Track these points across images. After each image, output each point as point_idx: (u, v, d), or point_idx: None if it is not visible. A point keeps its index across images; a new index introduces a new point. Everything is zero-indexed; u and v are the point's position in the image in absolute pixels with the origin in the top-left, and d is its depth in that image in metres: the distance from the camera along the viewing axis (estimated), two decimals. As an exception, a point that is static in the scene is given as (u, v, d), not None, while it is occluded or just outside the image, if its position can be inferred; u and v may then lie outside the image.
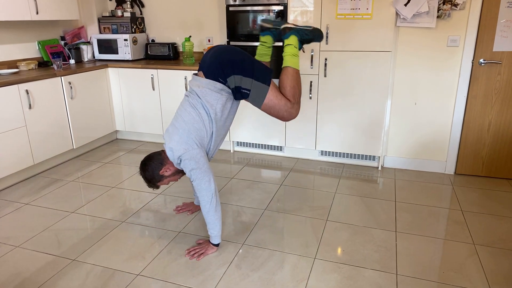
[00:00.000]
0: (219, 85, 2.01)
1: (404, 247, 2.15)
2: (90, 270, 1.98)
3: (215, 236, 2.10)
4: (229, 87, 2.02)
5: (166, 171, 2.10)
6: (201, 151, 2.01)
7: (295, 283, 1.86)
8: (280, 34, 2.21)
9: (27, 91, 3.01)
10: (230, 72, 1.98)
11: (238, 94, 2.03)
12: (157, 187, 2.16)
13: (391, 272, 1.94)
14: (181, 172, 2.16)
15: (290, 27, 2.17)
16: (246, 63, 2.01)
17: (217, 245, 2.13)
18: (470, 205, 2.63)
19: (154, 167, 2.08)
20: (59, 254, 2.12)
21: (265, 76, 2.03)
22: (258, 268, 1.98)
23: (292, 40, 2.14)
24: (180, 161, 2.02)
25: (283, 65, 2.13)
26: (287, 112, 2.08)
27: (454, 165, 3.15)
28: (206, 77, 2.03)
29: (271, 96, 2.03)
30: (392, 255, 2.08)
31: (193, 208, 2.56)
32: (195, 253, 2.09)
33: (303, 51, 2.40)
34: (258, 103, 2.06)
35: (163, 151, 2.14)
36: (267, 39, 2.26)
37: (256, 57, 2.31)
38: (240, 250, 2.13)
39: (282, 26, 2.20)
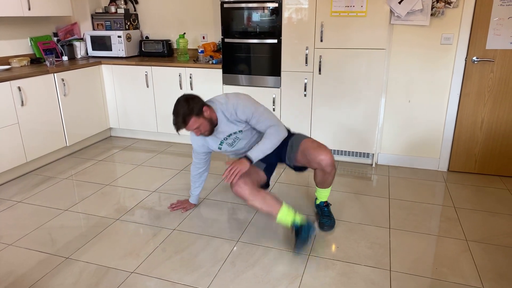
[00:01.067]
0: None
1: (397, 243, 2.17)
2: (84, 268, 1.97)
3: (258, 150, 2.06)
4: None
5: (206, 111, 2.06)
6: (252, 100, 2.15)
7: (290, 280, 1.87)
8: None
9: (19, 88, 2.98)
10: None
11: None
12: (184, 125, 2.01)
13: (384, 268, 1.96)
14: (212, 124, 2.10)
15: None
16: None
17: (251, 162, 2.05)
18: (463, 201, 2.66)
19: (199, 102, 2.04)
20: (53, 252, 2.10)
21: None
22: (252, 265, 1.98)
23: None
24: (236, 107, 2.08)
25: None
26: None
27: (447, 162, 3.18)
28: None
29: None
30: (386, 251, 2.10)
31: (187, 205, 2.56)
32: (231, 173, 1.99)
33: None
34: (299, 139, 2.27)
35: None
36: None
37: None
38: (235, 247, 2.14)
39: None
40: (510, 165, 3.03)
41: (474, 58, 2.88)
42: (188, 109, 1.99)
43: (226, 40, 3.34)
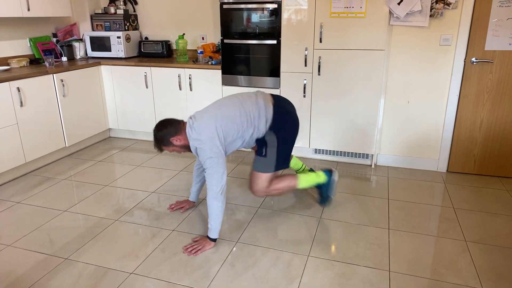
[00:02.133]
0: (268, 125, 2.20)
1: (396, 244, 2.17)
2: (82, 269, 1.97)
3: (214, 229, 2.11)
4: (263, 133, 2.21)
5: (176, 140, 2.15)
6: (220, 143, 2.08)
7: (289, 281, 1.87)
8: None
9: (18, 89, 2.98)
10: (278, 136, 2.23)
11: (258, 142, 2.24)
12: (161, 150, 2.23)
13: (383, 269, 1.96)
14: (187, 149, 2.20)
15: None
16: (286, 150, 2.31)
17: (214, 240, 2.13)
18: (462, 202, 2.66)
19: (168, 132, 2.15)
20: (51, 253, 2.10)
21: (279, 165, 2.29)
22: (252, 266, 1.98)
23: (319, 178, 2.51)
24: (199, 147, 2.07)
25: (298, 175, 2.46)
26: (258, 189, 2.31)
27: (447, 163, 3.18)
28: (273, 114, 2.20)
29: (266, 176, 2.27)
30: (385, 252, 2.10)
31: (186, 205, 2.56)
32: (192, 249, 2.09)
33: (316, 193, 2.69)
34: (257, 167, 2.28)
35: (184, 123, 2.19)
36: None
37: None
38: (234, 248, 2.14)
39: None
40: (509, 166, 3.03)
41: (473, 59, 2.89)
42: (159, 140, 2.18)
43: (226, 41, 3.34)
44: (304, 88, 3.22)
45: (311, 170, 2.77)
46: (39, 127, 3.20)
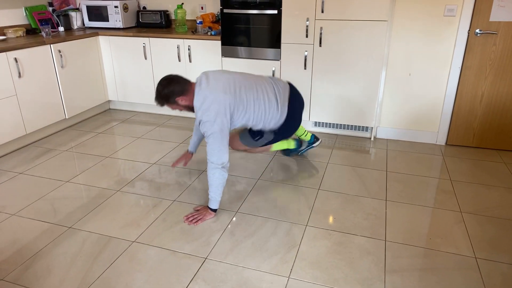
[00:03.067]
0: (274, 127, 2.33)
1: (393, 215, 2.21)
2: (86, 237, 2.02)
3: (214, 200, 2.14)
4: (265, 131, 2.37)
5: (182, 100, 2.09)
6: (226, 120, 2.05)
7: (287, 249, 1.92)
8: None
9: (16, 59, 2.95)
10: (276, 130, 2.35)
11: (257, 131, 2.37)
12: (162, 105, 2.14)
13: (380, 238, 2.01)
14: (191, 110, 2.15)
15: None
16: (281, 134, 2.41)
17: (214, 210, 2.17)
18: (459, 174, 2.69)
19: (174, 91, 2.06)
20: (56, 222, 2.15)
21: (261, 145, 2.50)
22: (251, 235, 2.03)
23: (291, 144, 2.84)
24: (204, 118, 2.03)
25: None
26: (234, 147, 2.54)
27: (446, 136, 3.19)
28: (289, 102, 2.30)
29: (244, 146, 2.50)
30: (382, 222, 2.14)
31: (186, 158, 2.59)
32: (193, 219, 2.13)
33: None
34: (243, 140, 2.46)
35: (192, 84, 2.12)
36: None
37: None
38: (234, 218, 2.18)
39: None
40: (507, 139, 3.04)
41: (477, 30, 2.84)
42: (164, 97, 2.09)
43: (225, 10, 3.27)
44: (305, 60, 3.18)
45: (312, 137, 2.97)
46: (39, 99, 3.19)
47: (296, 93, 2.37)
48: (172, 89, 2.06)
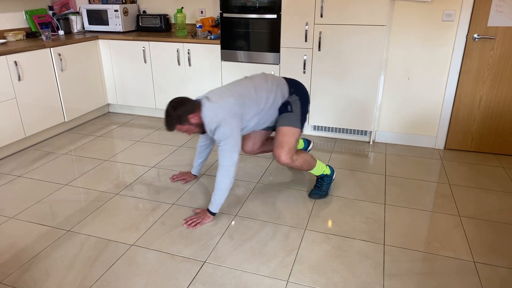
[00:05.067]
0: (286, 91, 2.28)
1: (392, 219, 2.21)
2: (84, 240, 2.02)
3: (217, 204, 2.14)
4: (287, 97, 2.27)
5: (193, 118, 2.09)
6: (239, 119, 2.08)
7: (286, 253, 1.92)
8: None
9: (15, 63, 2.96)
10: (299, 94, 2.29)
11: (283, 106, 2.26)
12: (173, 129, 2.12)
13: (378, 242, 2.01)
14: (201, 128, 2.15)
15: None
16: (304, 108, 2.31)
17: (214, 214, 2.17)
18: (458, 179, 2.69)
19: (185, 110, 2.07)
20: (54, 225, 2.14)
21: (303, 124, 2.30)
22: (250, 239, 2.03)
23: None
24: (216, 127, 2.05)
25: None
26: (285, 148, 2.23)
27: (444, 140, 3.20)
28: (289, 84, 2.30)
29: (295, 132, 2.23)
30: (380, 226, 2.14)
31: (187, 177, 2.61)
32: (192, 222, 2.13)
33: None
34: (285, 122, 2.24)
35: (199, 103, 2.13)
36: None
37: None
38: (233, 222, 2.18)
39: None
40: (506, 143, 3.05)
41: (475, 35, 2.85)
42: (176, 118, 2.07)
43: (225, 14, 3.28)
44: (304, 64, 3.19)
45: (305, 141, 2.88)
46: (38, 102, 3.19)
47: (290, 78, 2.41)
48: (184, 108, 2.07)
